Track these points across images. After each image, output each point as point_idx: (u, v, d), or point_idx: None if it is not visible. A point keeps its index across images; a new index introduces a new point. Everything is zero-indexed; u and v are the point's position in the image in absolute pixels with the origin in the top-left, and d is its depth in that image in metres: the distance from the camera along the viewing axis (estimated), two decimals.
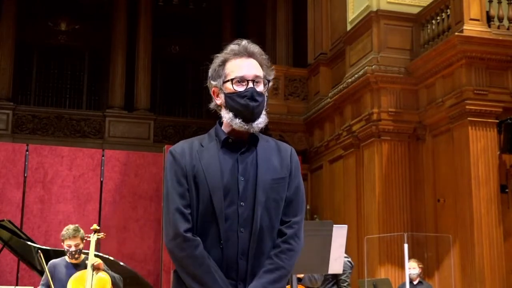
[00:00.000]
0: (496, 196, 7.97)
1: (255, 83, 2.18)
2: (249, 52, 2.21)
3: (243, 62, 2.20)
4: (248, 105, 2.15)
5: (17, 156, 10.40)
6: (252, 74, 2.18)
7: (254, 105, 2.15)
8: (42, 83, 16.02)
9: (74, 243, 5.32)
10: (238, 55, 2.20)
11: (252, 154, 2.20)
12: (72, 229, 5.35)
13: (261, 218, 2.13)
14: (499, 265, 7.78)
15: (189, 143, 2.23)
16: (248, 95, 2.16)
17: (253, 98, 2.16)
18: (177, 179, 2.15)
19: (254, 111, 2.16)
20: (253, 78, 2.18)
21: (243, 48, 2.21)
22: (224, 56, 2.21)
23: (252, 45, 2.23)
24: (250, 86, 2.17)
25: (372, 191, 9.06)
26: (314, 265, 4.11)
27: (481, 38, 8.20)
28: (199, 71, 15.81)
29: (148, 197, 10.76)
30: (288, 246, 2.17)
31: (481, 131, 8.10)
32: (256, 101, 2.16)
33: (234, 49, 2.21)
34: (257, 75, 2.19)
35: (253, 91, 2.16)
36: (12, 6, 15.49)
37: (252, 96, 2.16)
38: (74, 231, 5.34)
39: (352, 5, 10.24)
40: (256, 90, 2.17)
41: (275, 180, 2.17)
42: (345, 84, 9.85)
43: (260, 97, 2.18)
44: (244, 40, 2.24)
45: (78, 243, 5.33)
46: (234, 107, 2.17)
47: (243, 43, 2.22)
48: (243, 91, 2.16)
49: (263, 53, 2.24)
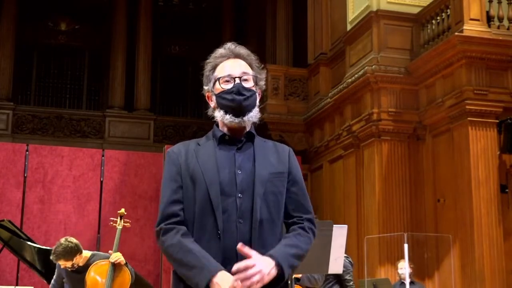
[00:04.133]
0: (496, 196, 7.97)
1: (242, 80, 2.25)
2: (235, 53, 2.29)
3: (230, 62, 2.28)
4: (234, 99, 2.21)
5: (17, 156, 10.40)
6: (239, 71, 2.25)
7: (241, 99, 2.21)
8: (42, 83, 16.01)
9: (61, 263, 5.13)
10: (225, 57, 2.29)
11: (249, 149, 2.25)
12: (53, 253, 5.08)
13: (261, 210, 2.15)
14: (499, 265, 7.78)
15: (185, 145, 2.29)
16: (234, 90, 2.22)
17: (239, 93, 2.22)
18: (171, 176, 2.21)
19: (242, 105, 2.21)
20: (239, 75, 2.25)
21: (229, 50, 2.29)
22: (213, 61, 2.30)
23: (239, 46, 2.31)
24: (237, 83, 2.23)
25: (372, 191, 9.06)
26: (314, 265, 4.11)
27: (481, 38, 8.20)
28: (199, 71, 15.77)
29: (148, 197, 10.75)
30: (304, 233, 2.22)
31: (481, 131, 8.10)
32: (242, 95, 2.22)
33: (221, 53, 2.30)
34: (244, 72, 2.26)
35: (239, 86, 2.23)
36: (12, 6, 15.49)
37: (238, 91, 2.22)
38: (56, 256, 5.06)
39: (352, 5, 10.24)
40: (242, 86, 2.23)
41: (272, 174, 2.21)
42: (345, 84, 9.85)
43: (248, 92, 2.24)
44: (229, 43, 2.33)
45: (64, 264, 5.10)
46: (223, 104, 2.23)
47: (229, 46, 2.31)
48: (230, 87, 2.23)
49: (251, 54, 2.32)
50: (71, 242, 5.11)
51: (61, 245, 5.06)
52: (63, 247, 5.04)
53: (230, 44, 2.31)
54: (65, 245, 5.05)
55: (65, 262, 5.08)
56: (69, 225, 10.21)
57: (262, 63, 2.37)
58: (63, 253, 5.03)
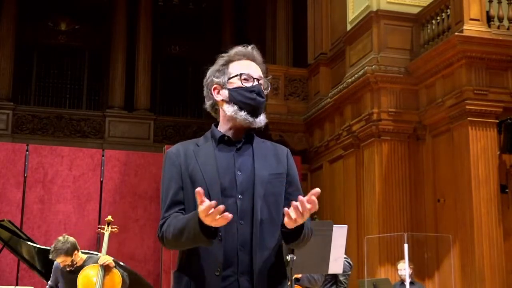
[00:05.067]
0: (496, 196, 7.97)
1: (259, 83, 2.29)
2: (253, 57, 2.32)
3: (248, 62, 2.31)
4: (256, 98, 2.24)
5: (17, 156, 10.40)
6: (257, 74, 2.29)
7: (261, 101, 2.26)
8: (42, 83, 16.01)
9: (60, 260, 5.21)
10: (245, 56, 2.31)
11: (248, 150, 2.25)
12: (52, 249, 5.18)
13: (261, 211, 2.15)
14: (499, 265, 7.78)
15: (184, 145, 2.29)
16: (256, 90, 2.26)
17: (260, 94, 2.26)
18: (171, 177, 2.21)
19: (260, 106, 2.26)
20: (258, 78, 2.29)
21: (249, 52, 2.32)
22: (230, 57, 2.32)
23: (257, 51, 2.35)
24: (257, 84, 2.27)
25: (372, 191, 9.06)
26: (314, 265, 4.11)
27: (481, 38, 8.20)
28: (199, 71, 15.80)
29: (148, 197, 10.75)
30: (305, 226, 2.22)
31: (481, 131, 8.10)
32: (262, 97, 2.27)
33: (241, 50, 2.32)
34: (261, 76, 2.31)
35: (260, 88, 2.27)
36: (12, 6, 15.49)
37: (259, 92, 2.26)
38: (54, 253, 5.15)
39: (352, 5, 10.24)
40: (261, 88, 2.28)
41: (272, 175, 2.22)
42: (345, 84, 9.85)
43: (264, 97, 2.29)
44: (250, 46, 2.36)
45: (64, 261, 5.19)
46: (240, 100, 2.24)
47: (249, 48, 2.34)
48: (251, 86, 2.26)
49: (262, 61, 2.36)
50: (69, 238, 5.24)
51: (60, 241, 5.18)
52: (62, 243, 5.15)
53: (251, 47, 2.34)
54: (63, 240, 5.17)
55: (65, 258, 5.15)
56: (69, 225, 10.21)
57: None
58: (65, 249, 5.12)
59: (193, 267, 2.13)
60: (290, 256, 3.28)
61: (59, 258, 5.18)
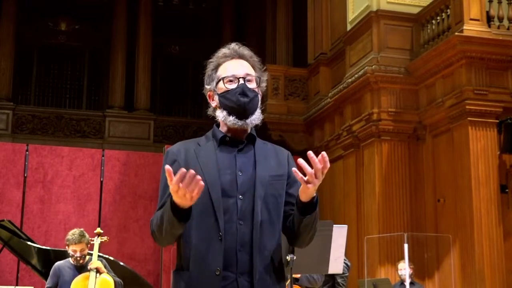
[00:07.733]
0: (496, 196, 7.97)
1: (246, 80, 2.24)
2: (239, 54, 2.28)
3: (234, 62, 2.27)
4: (239, 100, 2.20)
5: (17, 156, 10.40)
6: (243, 72, 2.24)
7: (246, 101, 2.20)
8: (42, 83, 16.01)
9: (79, 248, 5.34)
10: (229, 57, 2.28)
11: (249, 151, 2.24)
12: (78, 234, 5.34)
13: (261, 212, 2.15)
14: (499, 265, 7.78)
15: (185, 144, 2.28)
16: (239, 91, 2.21)
17: (244, 94, 2.21)
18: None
19: (246, 107, 2.21)
20: (243, 76, 2.24)
21: (233, 51, 2.28)
22: (216, 61, 2.29)
23: (242, 47, 2.30)
24: (241, 83, 2.22)
25: (372, 191, 9.06)
26: (314, 265, 4.11)
27: (481, 38, 8.20)
28: (199, 71, 15.77)
29: (148, 197, 10.76)
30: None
31: (481, 131, 8.10)
32: (247, 97, 2.21)
33: (225, 53, 2.28)
34: (248, 73, 2.25)
35: (243, 87, 2.22)
36: (12, 6, 15.48)
37: (243, 91, 2.21)
38: (80, 236, 5.33)
39: (352, 5, 10.24)
40: (247, 86, 2.22)
41: (273, 177, 2.21)
42: (345, 84, 9.85)
43: (252, 93, 2.23)
44: (233, 43, 2.32)
45: (83, 248, 5.35)
46: (227, 105, 2.22)
47: (233, 46, 2.30)
48: (234, 88, 2.22)
49: (254, 55, 2.31)
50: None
51: (77, 231, 5.40)
52: (79, 231, 5.37)
53: (234, 45, 2.30)
54: (79, 230, 5.40)
55: (81, 246, 5.33)
56: (69, 225, 10.20)
57: (262, 63, 2.36)
58: (82, 235, 5.33)
59: (193, 267, 2.13)
60: (290, 256, 3.28)
61: (81, 244, 5.33)
